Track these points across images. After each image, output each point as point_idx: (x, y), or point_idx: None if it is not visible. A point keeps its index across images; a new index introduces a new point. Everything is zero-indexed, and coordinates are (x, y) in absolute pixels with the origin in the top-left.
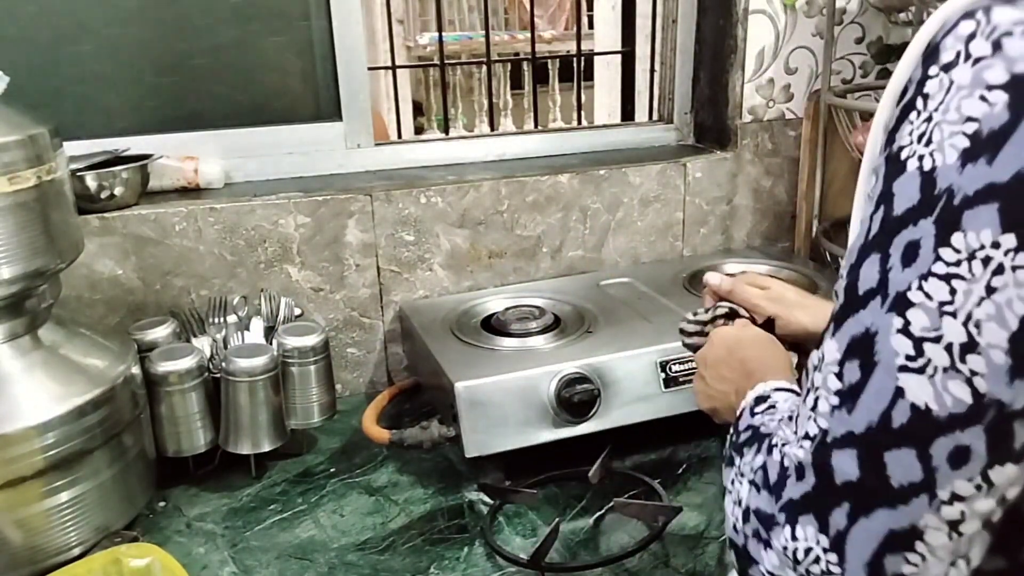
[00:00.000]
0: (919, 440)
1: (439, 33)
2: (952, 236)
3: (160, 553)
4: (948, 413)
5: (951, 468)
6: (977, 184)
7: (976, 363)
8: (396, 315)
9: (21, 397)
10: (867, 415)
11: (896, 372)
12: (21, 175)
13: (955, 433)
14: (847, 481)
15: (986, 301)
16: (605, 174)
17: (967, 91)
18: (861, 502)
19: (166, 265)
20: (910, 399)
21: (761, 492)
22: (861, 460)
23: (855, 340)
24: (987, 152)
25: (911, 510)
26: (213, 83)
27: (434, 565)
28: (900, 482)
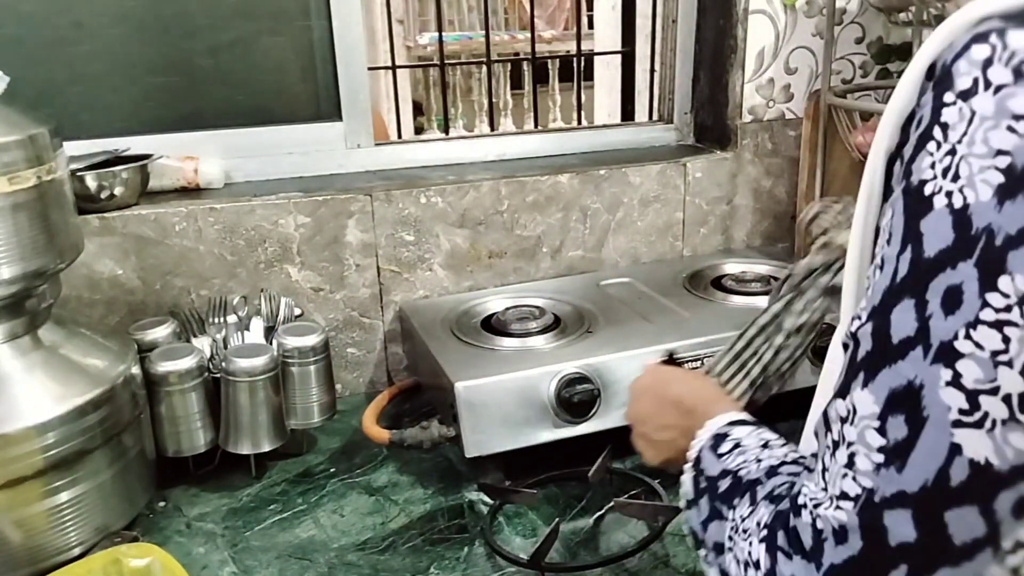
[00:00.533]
0: (981, 496)
1: (439, 33)
2: (998, 280)
3: (160, 553)
4: (1010, 466)
5: (1015, 519)
6: (1019, 223)
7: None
8: (396, 315)
9: (21, 397)
10: (921, 473)
11: (950, 428)
12: (21, 175)
13: (1018, 485)
14: (903, 543)
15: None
16: (605, 174)
17: (992, 122)
18: (920, 563)
19: (166, 265)
20: (968, 455)
21: (794, 558)
22: (918, 521)
23: (897, 394)
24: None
25: (975, 565)
26: (213, 83)
27: (434, 565)
28: (963, 540)
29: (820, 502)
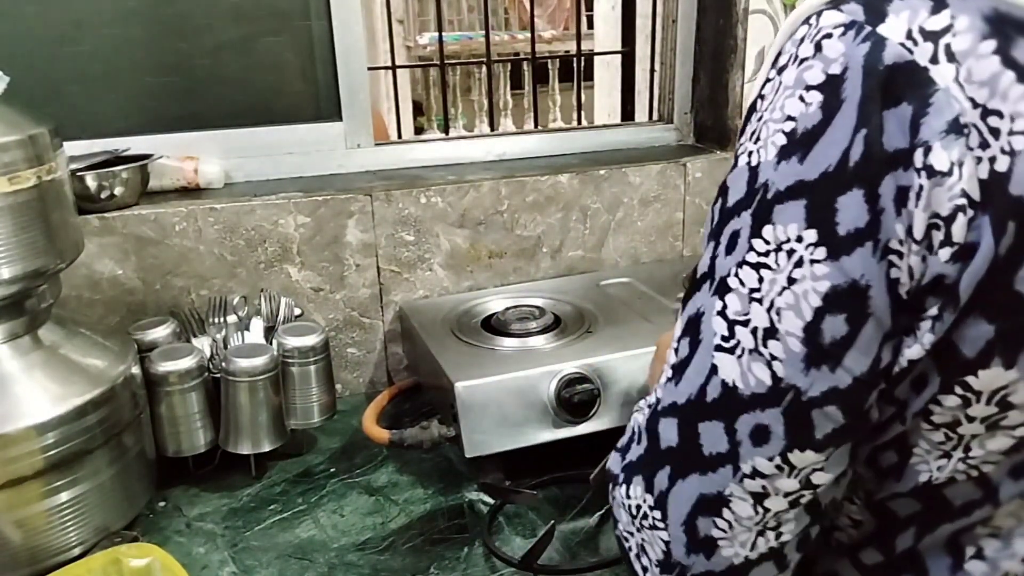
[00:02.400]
0: (727, 415)
1: (439, 33)
2: (764, 228)
3: (160, 553)
4: (751, 392)
5: (752, 445)
6: (788, 180)
7: (776, 348)
8: (396, 315)
9: (21, 397)
10: (688, 388)
11: (712, 350)
12: (21, 175)
13: (756, 412)
14: (669, 446)
15: (787, 291)
16: (605, 174)
17: (790, 91)
18: (678, 466)
19: (166, 265)
20: (721, 376)
21: (615, 454)
22: (679, 428)
23: (690, 319)
24: (800, 150)
25: (718, 478)
26: (213, 83)
27: (434, 565)
28: (710, 451)
29: (640, 408)
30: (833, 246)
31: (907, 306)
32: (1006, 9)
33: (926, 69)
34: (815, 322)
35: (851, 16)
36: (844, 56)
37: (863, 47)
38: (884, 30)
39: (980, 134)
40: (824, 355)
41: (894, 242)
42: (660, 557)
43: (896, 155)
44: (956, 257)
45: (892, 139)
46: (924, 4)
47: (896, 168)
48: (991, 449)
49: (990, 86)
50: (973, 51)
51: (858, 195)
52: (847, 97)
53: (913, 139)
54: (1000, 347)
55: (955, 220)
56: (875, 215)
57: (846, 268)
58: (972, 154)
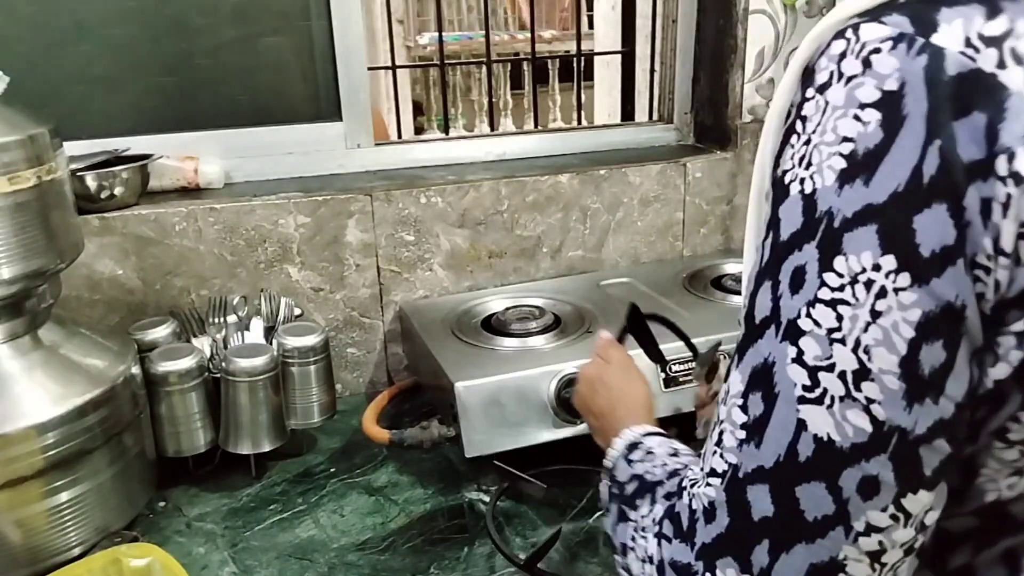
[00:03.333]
0: (827, 472)
1: (439, 33)
2: (834, 260)
3: (160, 553)
4: (851, 443)
5: (862, 500)
6: (855, 206)
7: (871, 390)
8: (396, 315)
9: (21, 397)
10: (775, 448)
11: (796, 404)
12: (21, 175)
13: (861, 463)
14: (764, 517)
15: (872, 326)
16: (605, 174)
17: (841, 111)
18: (779, 538)
19: (166, 265)
20: (812, 431)
21: (673, 542)
22: (774, 495)
23: (756, 371)
24: (863, 173)
25: (829, 544)
26: (213, 83)
27: (434, 565)
28: (814, 516)
29: (696, 482)
30: (918, 269)
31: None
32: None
33: (994, 75)
34: (912, 354)
35: (898, 28)
36: (900, 71)
37: (920, 59)
38: (939, 40)
39: None
40: (926, 387)
41: (981, 256)
42: None
43: (974, 166)
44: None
45: (967, 150)
46: (978, 11)
47: (976, 179)
48: None
49: None
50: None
51: (940, 211)
52: (910, 112)
53: (992, 147)
54: None
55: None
56: (961, 229)
57: (937, 291)
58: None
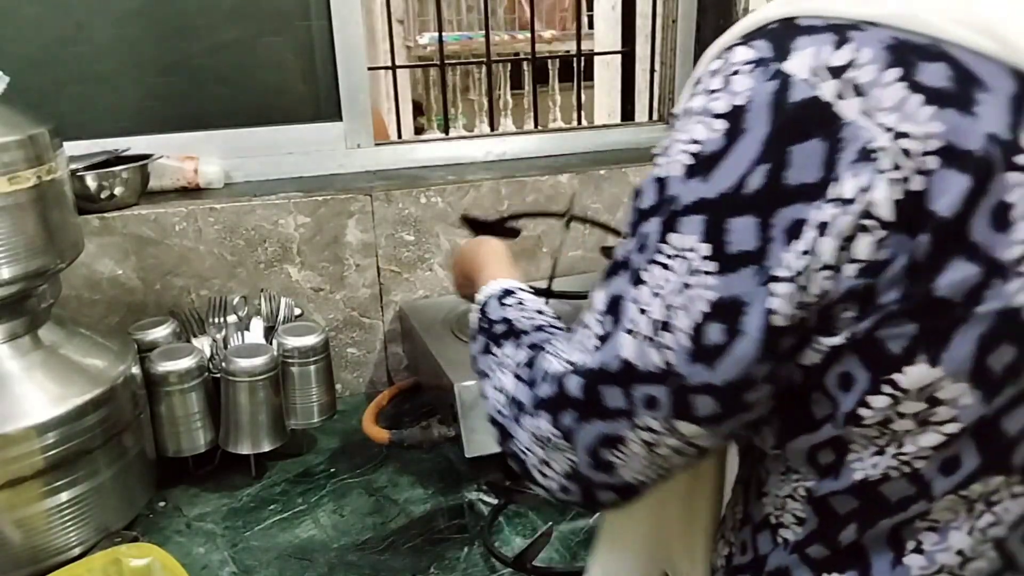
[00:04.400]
0: (623, 382)
1: (439, 33)
2: (669, 235)
3: (160, 553)
4: (644, 370)
5: (644, 408)
6: (692, 197)
7: (668, 339)
8: (396, 315)
9: (21, 397)
10: (601, 358)
11: (623, 332)
12: (21, 175)
13: (649, 385)
14: (575, 398)
15: (681, 293)
16: (605, 174)
17: (698, 117)
18: (583, 413)
19: (166, 265)
20: (622, 352)
21: (522, 385)
22: (585, 387)
23: (613, 299)
24: (703, 171)
25: (617, 426)
26: (213, 83)
27: (434, 565)
28: (610, 406)
29: (556, 354)
30: (722, 262)
31: (807, 322)
32: (905, 37)
33: (830, 105)
34: (700, 326)
35: (759, 53)
36: (751, 91)
37: (770, 84)
38: (789, 67)
39: (892, 157)
40: (704, 355)
41: (780, 271)
42: (567, 470)
43: (800, 190)
44: (865, 272)
45: (797, 174)
46: (828, 40)
47: (794, 202)
48: (922, 445)
49: (899, 111)
50: (878, 81)
51: (750, 222)
52: (748, 128)
53: (828, 174)
54: (924, 345)
55: (857, 239)
56: (763, 243)
57: (730, 285)
58: (884, 176)
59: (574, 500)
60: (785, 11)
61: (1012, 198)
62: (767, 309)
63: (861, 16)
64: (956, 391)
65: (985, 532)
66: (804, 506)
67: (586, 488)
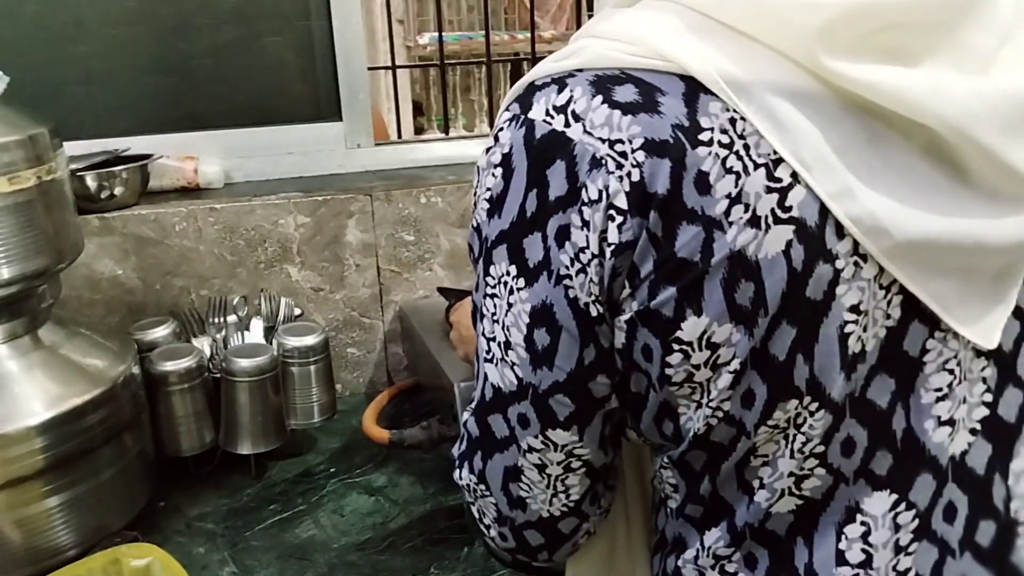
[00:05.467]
0: (500, 408)
1: (439, 33)
2: (489, 268)
3: (160, 553)
4: (508, 390)
5: (521, 428)
6: (495, 232)
7: (513, 356)
8: (396, 315)
9: (21, 397)
10: (479, 391)
11: (483, 361)
12: (21, 175)
13: (516, 404)
14: (475, 436)
15: (509, 313)
16: None
17: (485, 170)
18: (485, 451)
19: (166, 265)
20: (491, 380)
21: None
22: (478, 422)
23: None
24: (497, 210)
25: (510, 455)
26: (213, 83)
27: (434, 565)
28: (499, 436)
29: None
30: (527, 276)
31: (602, 304)
32: (601, 73)
33: (563, 132)
34: (529, 334)
35: (512, 112)
36: (511, 139)
37: (521, 130)
38: (532, 114)
39: (614, 160)
40: (541, 359)
41: (563, 269)
42: (495, 515)
43: (559, 201)
44: (617, 252)
45: (555, 190)
46: (552, 89)
47: (558, 212)
48: (721, 387)
49: (607, 125)
50: (589, 107)
51: (536, 237)
52: (516, 167)
53: (574, 184)
54: (686, 300)
55: (608, 228)
56: (546, 251)
57: (537, 292)
58: (613, 176)
59: (511, 547)
60: (527, 79)
61: (706, 167)
62: (567, 300)
63: (570, 67)
64: (725, 332)
65: (803, 450)
66: (672, 471)
67: (516, 532)
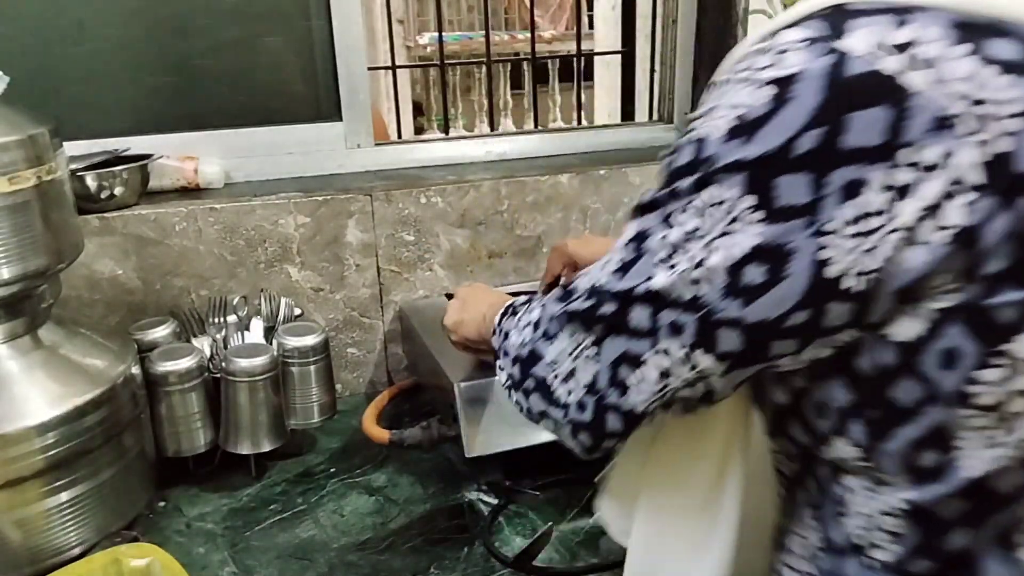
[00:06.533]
0: (651, 304)
1: (439, 33)
2: (708, 187)
3: (160, 553)
4: (675, 297)
5: (668, 333)
6: (731, 157)
7: (702, 274)
8: (396, 315)
9: (21, 397)
10: (630, 282)
11: (654, 262)
12: (21, 175)
13: (678, 312)
14: (605, 313)
15: (723, 237)
16: (605, 174)
17: (744, 84)
18: (612, 328)
19: (166, 265)
20: (657, 283)
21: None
22: (617, 305)
23: (639, 233)
24: (748, 132)
25: (640, 345)
26: (213, 83)
27: (434, 565)
28: (634, 324)
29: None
30: (771, 214)
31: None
32: (966, 18)
33: (892, 78)
34: (739, 265)
35: (812, 32)
36: (803, 64)
37: (824, 59)
38: (844, 45)
39: (971, 123)
40: (739, 292)
41: (830, 225)
42: (589, 382)
43: (859, 152)
44: (959, 239)
45: (856, 138)
46: (887, 20)
47: (852, 163)
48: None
49: (972, 81)
50: (946, 56)
51: (801, 179)
52: (796, 96)
53: (894, 140)
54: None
55: (944, 205)
56: (817, 199)
57: (775, 233)
58: (967, 143)
59: (584, 420)
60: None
61: None
62: (817, 260)
63: (915, 1)
64: None
65: None
66: (902, 520)
67: (599, 406)
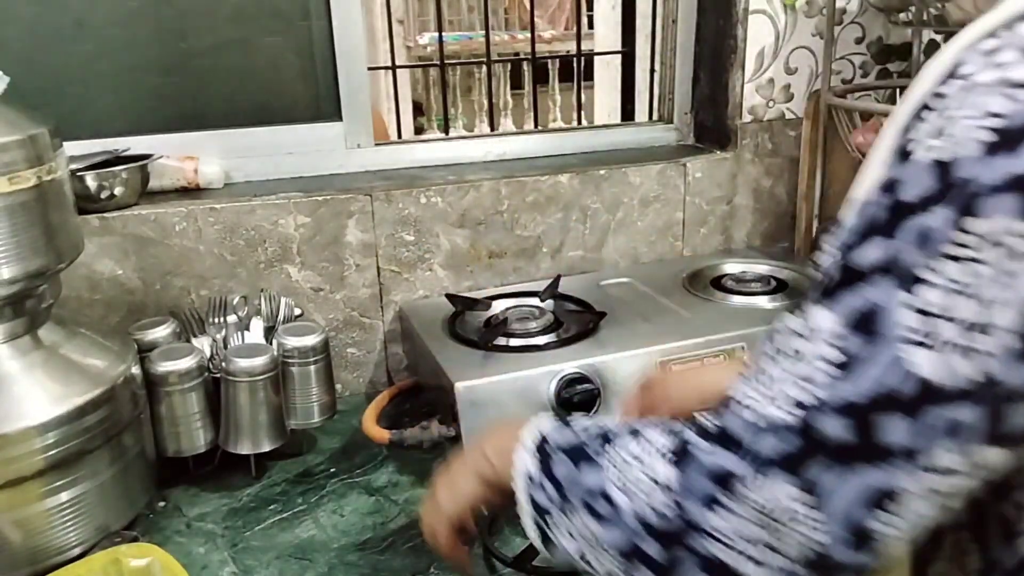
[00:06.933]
0: (914, 410)
1: (439, 33)
2: (966, 221)
3: (160, 553)
4: (950, 386)
5: (942, 438)
6: (999, 174)
7: (984, 342)
8: (396, 315)
9: (21, 397)
10: (869, 384)
11: (900, 344)
12: (21, 175)
13: (951, 406)
14: (839, 444)
15: (1000, 285)
16: (605, 174)
17: (990, 88)
18: (845, 461)
19: (166, 265)
20: (915, 371)
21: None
22: (856, 424)
23: (859, 314)
24: (1011, 145)
25: (894, 473)
26: (213, 83)
27: (434, 565)
28: (886, 445)
29: (756, 401)
30: None
31: None
32: None
33: None
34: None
35: None
36: None
37: None
38: None
39: None
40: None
41: None
42: (806, 554)
43: None
44: None
45: None
46: None
47: None
48: None
49: None
50: None
51: None
52: None
53: None
54: None
55: None
56: None
57: None
58: None
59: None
60: None
61: None
62: None
63: None
64: None
65: None
66: None
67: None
